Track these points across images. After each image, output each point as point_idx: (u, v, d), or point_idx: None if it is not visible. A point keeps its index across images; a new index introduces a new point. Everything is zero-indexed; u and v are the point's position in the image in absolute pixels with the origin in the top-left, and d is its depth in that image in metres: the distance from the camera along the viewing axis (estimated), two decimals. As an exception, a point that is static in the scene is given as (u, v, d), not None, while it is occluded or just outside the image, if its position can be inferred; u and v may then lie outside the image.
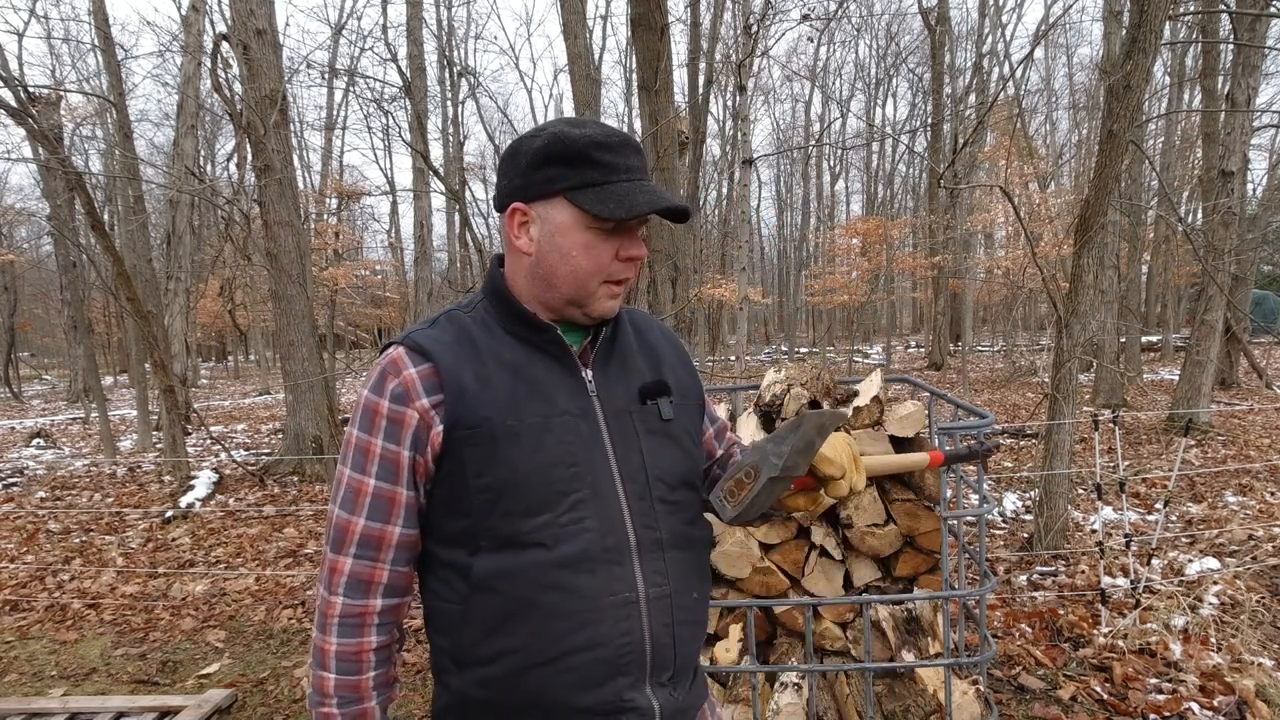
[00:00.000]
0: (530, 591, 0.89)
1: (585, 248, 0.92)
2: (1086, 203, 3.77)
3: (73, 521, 5.93)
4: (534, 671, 0.89)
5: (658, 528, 0.95)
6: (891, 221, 20.49)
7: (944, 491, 2.11)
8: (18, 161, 20.62)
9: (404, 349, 0.93)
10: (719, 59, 13.79)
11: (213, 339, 33.90)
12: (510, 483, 0.88)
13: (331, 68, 21.35)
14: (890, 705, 2.20)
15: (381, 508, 0.92)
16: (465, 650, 0.92)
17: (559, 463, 0.90)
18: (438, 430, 0.90)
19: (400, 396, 0.90)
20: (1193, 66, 14.68)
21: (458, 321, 0.97)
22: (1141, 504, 5.13)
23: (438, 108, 20.56)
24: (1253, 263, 11.22)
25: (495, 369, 0.92)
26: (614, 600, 0.90)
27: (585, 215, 0.90)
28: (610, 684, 0.91)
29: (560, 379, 0.94)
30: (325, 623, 0.92)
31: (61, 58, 20.56)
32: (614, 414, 0.96)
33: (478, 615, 0.90)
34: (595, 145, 0.91)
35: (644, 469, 0.96)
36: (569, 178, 0.90)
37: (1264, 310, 18.83)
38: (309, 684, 0.95)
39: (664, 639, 0.94)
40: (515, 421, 0.90)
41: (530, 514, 0.89)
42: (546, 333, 0.95)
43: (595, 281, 0.93)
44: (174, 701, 2.89)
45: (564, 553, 0.89)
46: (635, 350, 1.04)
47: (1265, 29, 7.44)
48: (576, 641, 0.89)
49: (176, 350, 11.13)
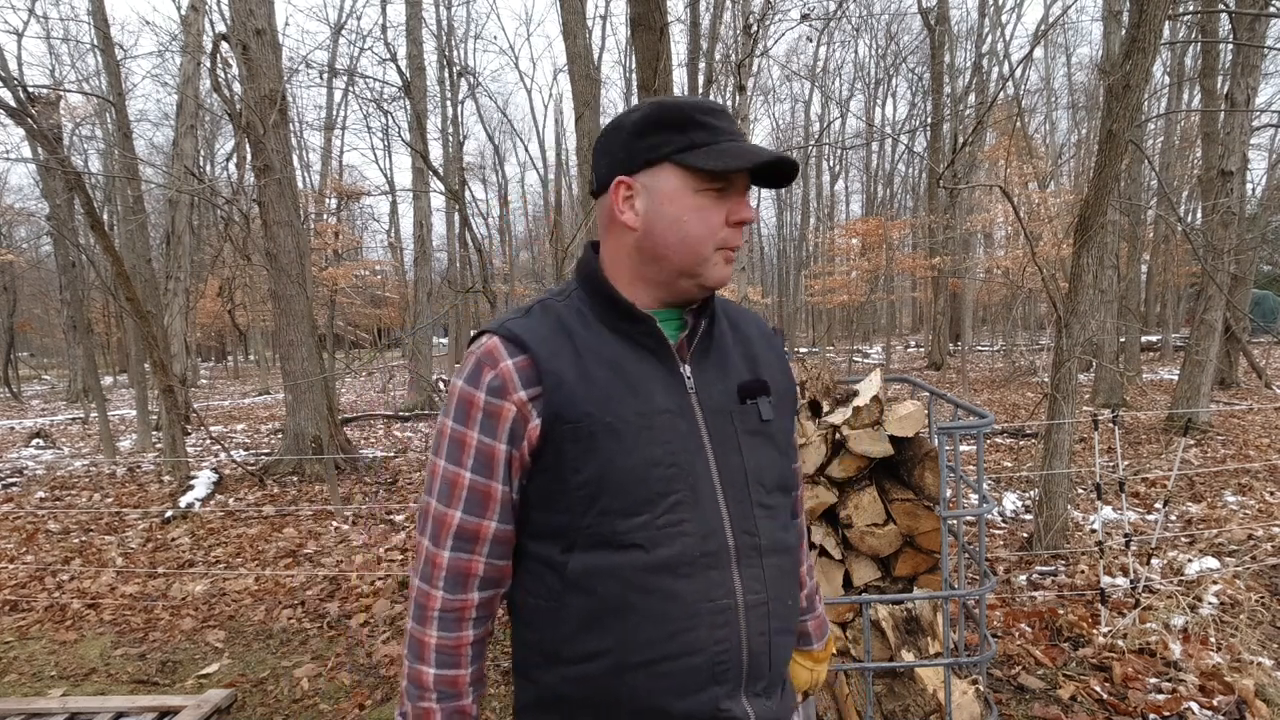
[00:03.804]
0: (626, 593, 0.86)
1: (697, 211, 0.89)
2: (1086, 202, 3.77)
3: (72, 521, 5.93)
4: (628, 674, 0.87)
5: (756, 533, 0.92)
6: (891, 221, 20.49)
7: (944, 491, 2.11)
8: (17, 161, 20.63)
9: (499, 339, 0.90)
10: (719, 59, 13.79)
11: (212, 339, 33.90)
12: (609, 481, 0.86)
13: (331, 67, 21.34)
14: (890, 705, 2.20)
15: (478, 501, 0.90)
16: (556, 647, 0.90)
17: (658, 462, 0.87)
18: (535, 424, 0.88)
19: (497, 389, 0.88)
20: (1192, 66, 14.68)
21: (552, 311, 0.93)
22: (1141, 504, 5.13)
23: (437, 108, 20.56)
24: (1252, 263, 11.22)
25: (593, 362, 0.89)
26: (711, 606, 0.88)
27: (695, 177, 0.88)
28: (706, 692, 0.88)
29: (657, 374, 0.91)
30: (425, 616, 0.90)
31: (61, 58, 20.59)
32: (713, 413, 0.92)
33: (571, 613, 0.89)
34: (698, 109, 0.90)
35: (743, 471, 0.93)
36: (675, 141, 0.88)
37: (1263, 310, 18.85)
38: (404, 676, 0.93)
39: (760, 647, 0.91)
40: (614, 418, 0.87)
41: (628, 514, 0.86)
42: (644, 324, 0.91)
43: (709, 247, 0.90)
44: (173, 701, 2.89)
45: (661, 555, 0.86)
46: (731, 345, 0.99)
47: (1265, 29, 7.44)
48: (672, 647, 0.87)
49: (176, 350, 11.13)
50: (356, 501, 6.27)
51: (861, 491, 2.32)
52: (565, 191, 24.29)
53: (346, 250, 23.38)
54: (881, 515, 2.33)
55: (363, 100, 23.11)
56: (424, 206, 13.97)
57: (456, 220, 17.88)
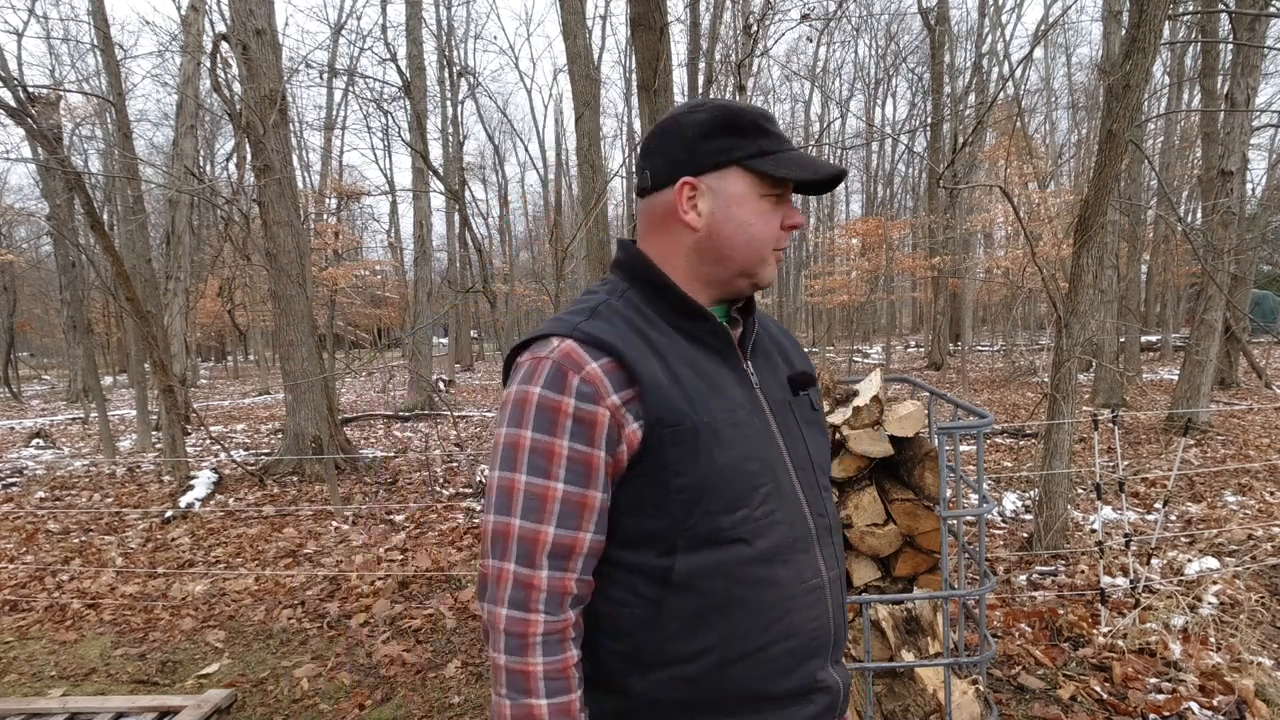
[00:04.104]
0: (732, 588, 0.88)
1: (762, 215, 0.93)
2: (1086, 202, 3.77)
3: (72, 521, 5.93)
4: (735, 666, 0.89)
5: (826, 513, 0.99)
6: (891, 221, 20.49)
7: (944, 491, 2.11)
8: (17, 161, 20.63)
9: (575, 342, 0.87)
10: (719, 59, 13.79)
11: (212, 339, 33.90)
12: (711, 480, 0.87)
13: (331, 67, 21.35)
14: (890, 705, 2.20)
15: (572, 514, 0.85)
16: (655, 651, 0.89)
17: (749, 457, 0.89)
18: (633, 428, 0.86)
19: (589, 395, 0.84)
20: (1192, 66, 14.68)
21: (618, 311, 0.92)
22: (1141, 504, 5.13)
23: (437, 108, 20.58)
24: (1252, 262, 11.23)
25: (675, 362, 0.89)
26: (805, 587, 0.93)
27: (762, 183, 0.92)
28: (804, 667, 0.93)
29: (726, 372, 0.93)
30: (525, 645, 0.83)
31: (61, 58, 20.60)
32: (777, 405, 0.97)
33: (674, 615, 0.88)
34: (763, 117, 0.93)
35: (808, 458, 0.98)
36: (744, 147, 0.91)
37: (1263, 310, 18.86)
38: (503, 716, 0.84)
39: (840, 619, 0.98)
40: (709, 417, 0.87)
41: (730, 510, 0.88)
42: (709, 323, 0.94)
43: (769, 249, 0.95)
44: (173, 701, 2.89)
45: (762, 547, 0.89)
46: (769, 341, 1.05)
47: (1264, 29, 7.44)
48: (776, 632, 0.90)
49: (176, 350, 11.13)
50: (356, 501, 6.27)
51: (861, 491, 2.32)
52: (565, 191, 24.31)
53: (346, 250, 23.39)
54: (881, 515, 2.33)
55: (363, 100, 23.14)
56: (424, 206, 13.98)
57: (456, 220, 17.88)
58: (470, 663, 3.24)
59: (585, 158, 7.84)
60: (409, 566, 4.46)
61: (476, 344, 32.60)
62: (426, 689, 3.03)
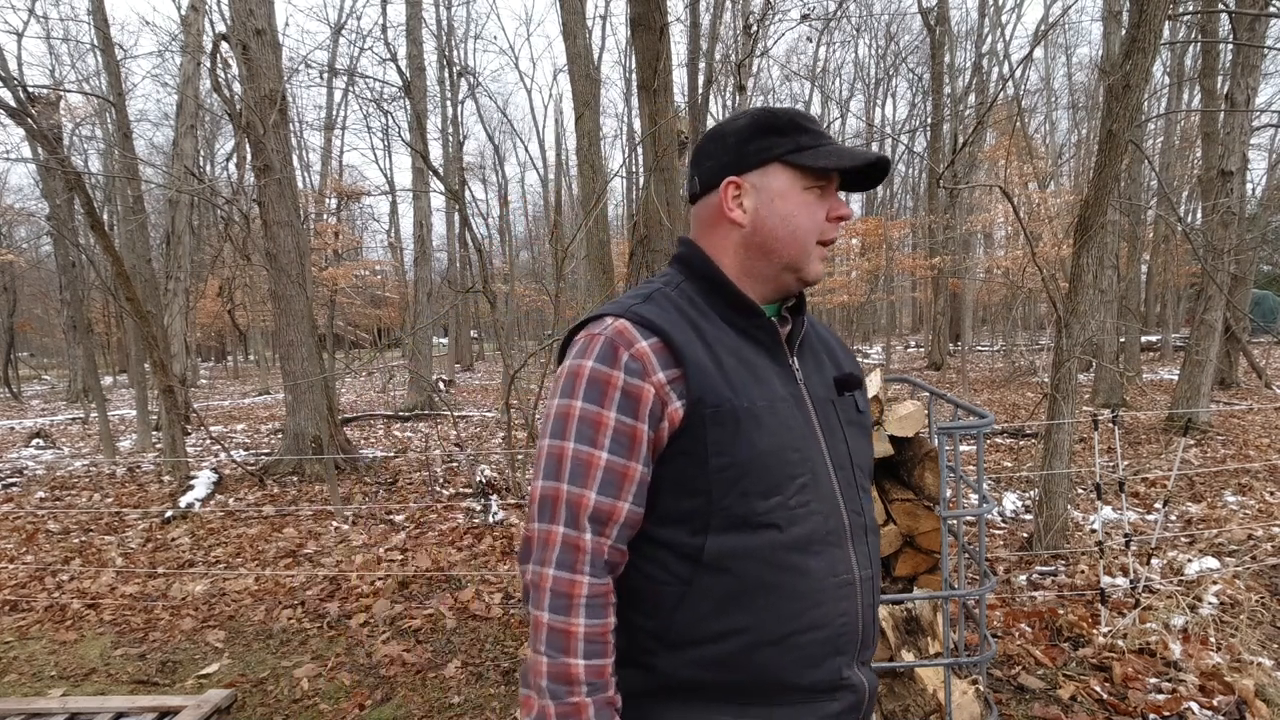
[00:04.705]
0: (763, 572, 0.90)
1: (805, 206, 0.96)
2: (1086, 202, 3.77)
3: (72, 521, 5.93)
4: (762, 650, 0.90)
5: (863, 512, 1.00)
6: (891, 221, 20.49)
7: (944, 491, 2.11)
8: (17, 161, 20.63)
9: (628, 321, 0.92)
10: (719, 59, 13.79)
11: (212, 339, 33.91)
12: (750, 463, 0.89)
13: (331, 67, 21.36)
14: (890, 705, 2.20)
15: (614, 482, 0.89)
16: (683, 630, 0.91)
17: (788, 446, 0.92)
18: (676, 406, 0.89)
19: (637, 370, 0.89)
20: (1192, 66, 14.68)
21: (671, 299, 0.97)
22: (1141, 504, 5.13)
23: (437, 108, 20.58)
24: (1252, 263, 11.23)
25: (721, 350, 0.93)
26: (836, 581, 0.93)
27: (804, 176, 0.95)
28: (830, 662, 0.93)
29: (771, 365, 0.96)
30: (571, 604, 0.87)
31: (61, 58, 20.57)
32: (820, 403, 0.99)
33: (702, 595, 0.90)
34: (800, 115, 0.97)
35: (848, 456, 0.99)
36: (784, 144, 0.95)
37: (1263, 310, 18.85)
38: (540, 675, 0.87)
39: (869, 619, 0.98)
40: (751, 403, 0.91)
41: (766, 495, 0.90)
42: (759, 318, 0.97)
43: (813, 241, 0.97)
44: (173, 701, 2.89)
45: (794, 535, 0.91)
46: (818, 343, 1.08)
47: (1264, 29, 7.44)
48: (803, 622, 0.91)
49: (176, 350, 11.13)
50: (356, 501, 6.27)
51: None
52: (565, 191, 24.29)
53: (346, 250, 23.39)
54: (881, 515, 2.33)
55: (363, 100, 23.14)
56: (424, 206, 13.98)
57: (456, 220, 17.88)
58: (470, 663, 3.24)
59: (585, 158, 7.84)
60: (409, 566, 4.46)
61: (476, 344, 32.60)
62: (426, 689, 3.03)
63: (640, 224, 5.14)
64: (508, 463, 6.28)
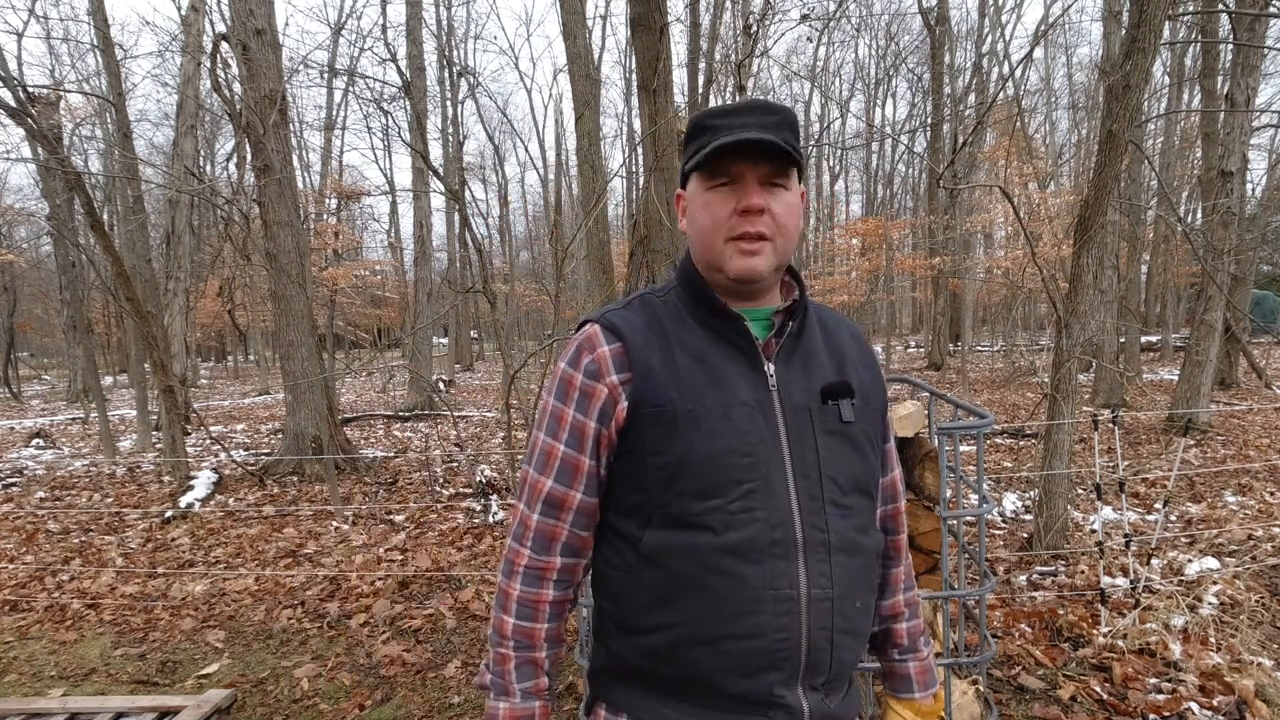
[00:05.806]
0: (695, 571, 0.91)
1: (706, 207, 0.97)
2: (1086, 203, 3.77)
3: (72, 521, 5.93)
4: (692, 649, 0.92)
5: (826, 529, 0.94)
6: (891, 221, 20.49)
7: (944, 491, 2.11)
8: (17, 161, 20.61)
9: (599, 327, 1.00)
10: (719, 59, 13.79)
11: (212, 339, 33.90)
12: (685, 464, 0.92)
13: (331, 68, 21.36)
14: (890, 705, 2.19)
15: (567, 472, 0.99)
16: (629, 617, 0.97)
17: (734, 451, 0.92)
18: (623, 406, 0.96)
19: (593, 372, 0.97)
20: (1192, 66, 14.68)
21: (649, 305, 1.02)
22: (1141, 504, 5.13)
23: (437, 108, 20.59)
24: (1252, 263, 11.23)
25: (680, 353, 0.96)
26: (775, 594, 0.91)
27: (704, 177, 0.97)
28: (762, 676, 0.92)
29: (741, 369, 0.96)
30: (512, 570, 1.01)
31: (61, 58, 20.58)
32: (792, 410, 0.96)
33: (644, 586, 0.95)
34: (709, 114, 0.97)
35: (818, 468, 0.95)
36: (690, 150, 0.99)
37: (1263, 310, 18.86)
38: (489, 626, 1.02)
39: (821, 642, 0.93)
40: (695, 406, 0.93)
41: (701, 497, 0.91)
42: (733, 322, 0.98)
43: (719, 239, 0.96)
44: (173, 701, 2.89)
45: (730, 539, 0.91)
46: (821, 348, 1.03)
47: (1264, 29, 7.44)
48: (734, 628, 0.91)
49: (176, 350, 11.13)
50: (356, 501, 6.27)
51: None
52: (565, 191, 24.29)
53: (346, 250, 23.38)
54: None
55: (363, 100, 23.14)
56: (424, 206, 13.98)
57: (456, 220, 17.88)
58: (470, 663, 3.24)
59: (585, 158, 7.85)
60: (409, 566, 4.46)
61: (476, 344, 32.59)
62: (426, 689, 3.03)
63: (640, 224, 5.13)
64: (508, 463, 6.28)
